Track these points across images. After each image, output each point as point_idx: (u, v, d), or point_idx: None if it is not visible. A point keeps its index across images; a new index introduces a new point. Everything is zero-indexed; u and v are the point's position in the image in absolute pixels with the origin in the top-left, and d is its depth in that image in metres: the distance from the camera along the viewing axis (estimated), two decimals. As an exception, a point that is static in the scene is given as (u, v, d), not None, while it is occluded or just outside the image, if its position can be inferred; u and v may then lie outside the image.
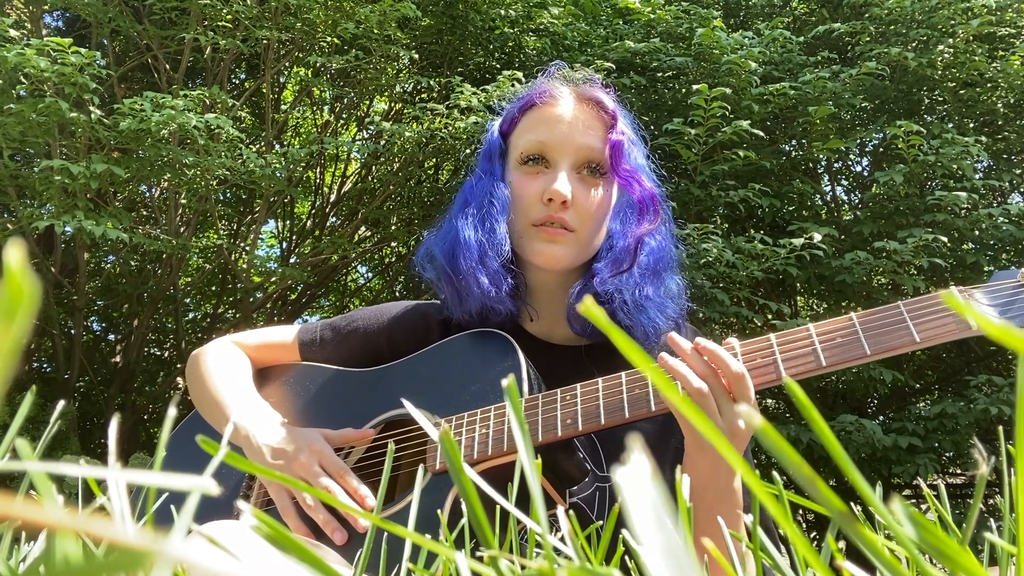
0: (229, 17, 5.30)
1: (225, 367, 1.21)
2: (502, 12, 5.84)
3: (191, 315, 8.06)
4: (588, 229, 1.12)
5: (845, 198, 6.73)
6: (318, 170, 7.34)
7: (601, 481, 1.05)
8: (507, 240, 1.11)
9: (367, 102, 7.02)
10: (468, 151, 5.22)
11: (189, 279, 7.51)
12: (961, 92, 5.35)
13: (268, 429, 1.07)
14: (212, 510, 1.11)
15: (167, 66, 5.87)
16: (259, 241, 7.14)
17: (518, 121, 1.19)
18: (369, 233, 7.36)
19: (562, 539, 0.33)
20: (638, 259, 1.12)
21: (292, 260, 7.25)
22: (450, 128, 5.03)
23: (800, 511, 5.16)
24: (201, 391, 1.20)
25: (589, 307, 0.20)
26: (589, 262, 1.15)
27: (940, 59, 5.19)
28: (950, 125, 5.37)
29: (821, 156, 5.66)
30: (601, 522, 0.51)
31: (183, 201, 6.07)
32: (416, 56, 5.87)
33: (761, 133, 4.67)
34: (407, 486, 1.12)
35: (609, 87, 1.22)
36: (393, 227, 6.51)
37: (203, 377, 1.20)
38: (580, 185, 1.12)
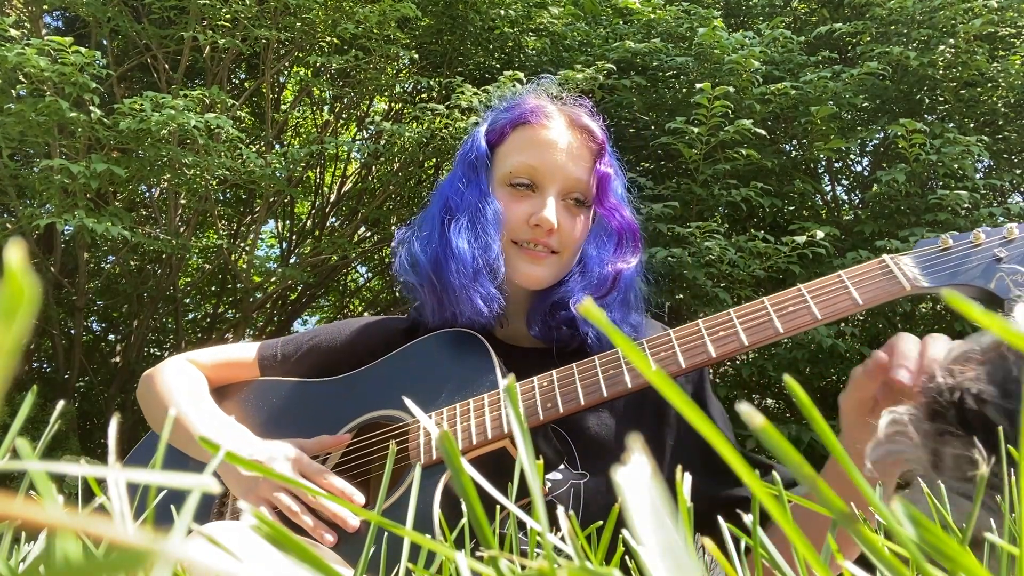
0: (228, 16, 5.30)
1: (184, 384, 1.19)
2: (502, 12, 5.84)
3: (191, 315, 8.05)
4: (570, 253, 1.17)
5: (845, 198, 6.73)
6: (318, 170, 7.34)
7: (576, 479, 1.07)
8: (501, 260, 1.12)
9: (367, 102, 7.02)
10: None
11: (189, 279, 7.51)
12: (962, 92, 5.35)
13: (239, 443, 1.06)
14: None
15: (167, 66, 5.87)
16: (259, 241, 7.14)
17: (507, 135, 1.19)
18: (369, 233, 7.35)
19: (562, 538, 0.33)
20: (616, 288, 1.17)
21: (292, 260, 7.24)
22: (450, 128, 5.03)
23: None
24: (158, 409, 1.17)
25: (589, 309, 0.20)
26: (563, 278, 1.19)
27: (941, 59, 5.19)
28: (951, 125, 5.37)
29: (822, 156, 5.66)
30: (601, 522, 0.51)
31: (183, 201, 6.06)
32: (416, 56, 5.87)
33: (764, 132, 4.67)
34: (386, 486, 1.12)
35: (596, 116, 1.24)
36: (393, 227, 6.49)
37: (160, 395, 1.18)
38: (565, 213, 1.15)
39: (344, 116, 7.28)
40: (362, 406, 1.12)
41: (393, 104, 7.04)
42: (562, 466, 1.06)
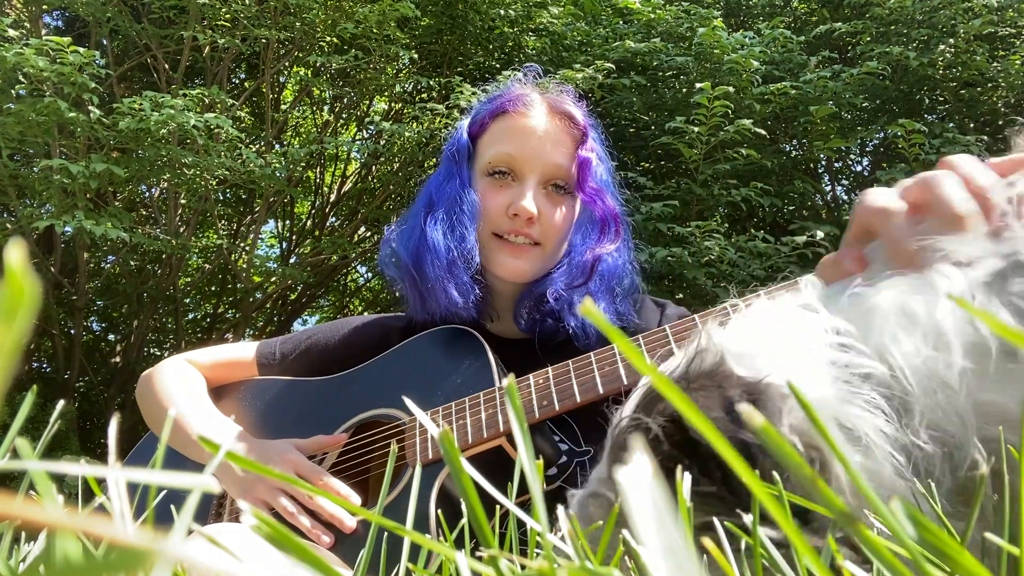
0: (228, 16, 5.30)
1: (182, 385, 1.19)
2: (502, 12, 5.84)
3: (191, 315, 8.06)
4: (553, 243, 1.15)
5: (845, 198, 6.73)
6: (318, 170, 7.34)
7: (580, 456, 1.07)
8: (476, 250, 1.12)
9: (367, 102, 7.02)
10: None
11: (189, 279, 7.50)
12: (962, 92, 5.35)
13: (236, 443, 1.07)
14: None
15: (166, 66, 5.87)
16: (259, 241, 7.14)
17: (488, 126, 1.18)
18: (369, 233, 7.36)
19: (562, 538, 0.33)
20: (594, 275, 1.14)
21: (292, 260, 7.25)
22: (450, 128, 5.02)
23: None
24: (157, 409, 1.18)
25: (589, 308, 0.20)
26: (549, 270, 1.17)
27: (941, 59, 5.19)
28: (951, 125, 5.37)
29: (821, 156, 5.66)
30: (601, 522, 0.51)
31: (183, 201, 6.06)
32: (416, 56, 5.87)
33: (764, 132, 4.67)
34: (381, 485, 1.13)
35: (580, 102, 1.22)
36: (393, 227, 6.49)
37: (158, 396, 1.18)
38: (546, 201, 1.14)
39: (344, 116, 7.28)
40: (359, 405, 1.12)
41: (393, 104, 7.04)
42: (566, 447, 1.06)
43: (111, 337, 7.98)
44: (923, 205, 0.56)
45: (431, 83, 5.54)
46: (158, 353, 7.87)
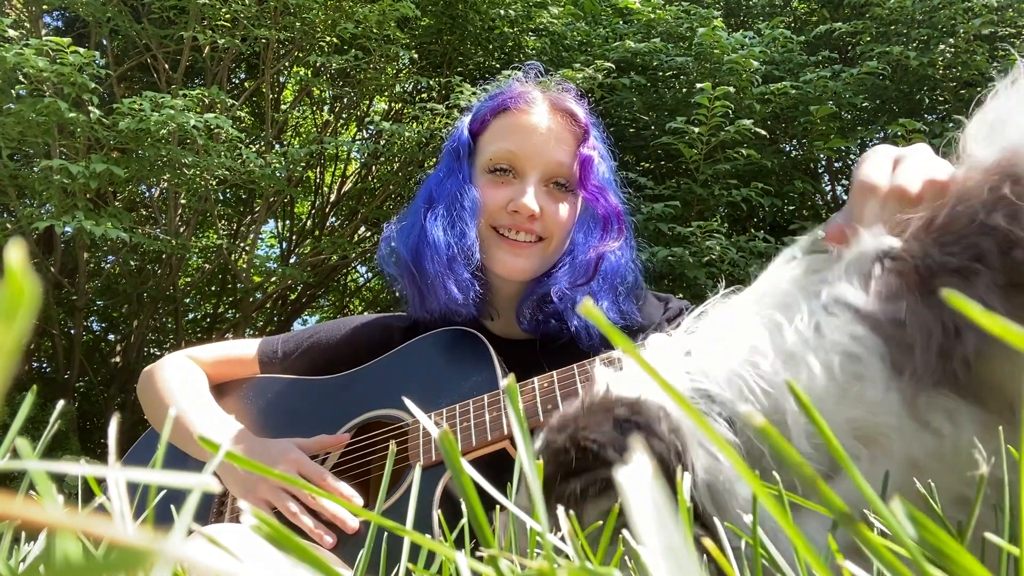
0: (228, 16, 5.30)
1: (183, 381, 1.18)
2: (502, 12, 5.83)
3: (191, 315, 8.05)
4: (557, 241, 1.14)
5: (845, 198, 6.73)
6: (318, 170, 7.34)
7: None
8: (477, 246, 1.12)
9: (367, 102, 7.02)
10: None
11: (189, 279, 7.50)
12: (962, 92, 5.35)
13: (238, 442, 1.06)
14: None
15: (166, 66, 5.87)
16: (259, 241, 7.14)
17: (489, 123, 1.18)
18: (369, 233, 7.36)
19: (562, 539, 0.33)
20: (597, 274, 1.14)
21: (292, 260, 7.25)
22: (450, 128, 5.02)
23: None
24: (158, 407, 1.17)
25: (590, 308, 0.20)
26: (550, 267, 1.16)
27: (941, 59, 5.19)
28: (950, 125, 5.37)
29: (821, 156, 5.66)
30: (601, 522, 0.51)
31: (183, 201, 6.06)
32: (416, 56, 5.87)
33: (764, 132, 4.67)
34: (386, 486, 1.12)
35: (581, 100, 1.21)
36: (393, 227, 6.49)
37: (160, 392, 1.17)
38: (547, 198, 1.13)
39: (344, 116, 7.28)
40: (361, 405, 1.12)
41: (393, 104, 7.04)
42: None
43: (111, 337, 7.98)
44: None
45: (431, 83, 5.53)
46: (158, 353, 7.87)
